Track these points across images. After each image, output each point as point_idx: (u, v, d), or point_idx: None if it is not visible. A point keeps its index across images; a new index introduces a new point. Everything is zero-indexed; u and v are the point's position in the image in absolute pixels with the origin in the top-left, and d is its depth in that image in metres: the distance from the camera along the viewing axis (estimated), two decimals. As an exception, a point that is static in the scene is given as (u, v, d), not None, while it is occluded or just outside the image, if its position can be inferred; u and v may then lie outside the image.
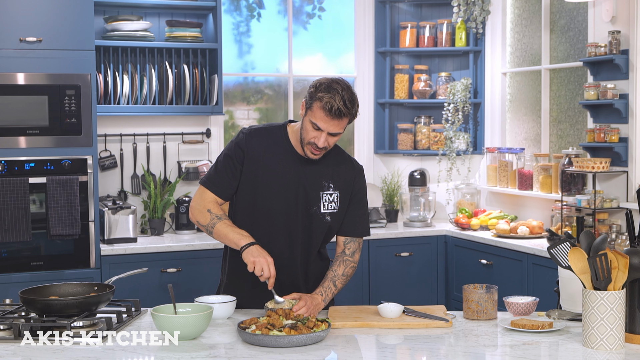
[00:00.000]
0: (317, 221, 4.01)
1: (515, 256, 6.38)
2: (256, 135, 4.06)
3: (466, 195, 7.73)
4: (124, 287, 5.81)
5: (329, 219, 4.02)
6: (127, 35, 6.72)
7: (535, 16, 7.23)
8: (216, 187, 4.03)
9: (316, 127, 3.84)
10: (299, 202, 3.98)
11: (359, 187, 4.12)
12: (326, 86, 3.84)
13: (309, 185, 4.00)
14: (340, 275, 4.01)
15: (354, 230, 4.09)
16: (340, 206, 4.04)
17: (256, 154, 4.01)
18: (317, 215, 4.01)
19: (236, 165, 4.01)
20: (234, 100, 7.72)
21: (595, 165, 6.00)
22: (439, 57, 8.00)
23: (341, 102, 3.78)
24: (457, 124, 7.56)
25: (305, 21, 7.98)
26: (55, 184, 6.02)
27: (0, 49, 5.94)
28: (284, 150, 4.03)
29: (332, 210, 4.02)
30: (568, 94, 6.90)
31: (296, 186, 3.99)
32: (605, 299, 3.17)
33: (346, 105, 3.80)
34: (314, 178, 4.01)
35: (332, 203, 4.02)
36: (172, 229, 7.02)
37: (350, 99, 3.82)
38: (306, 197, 3.99)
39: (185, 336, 3.35)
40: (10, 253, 6.03)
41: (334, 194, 4.03)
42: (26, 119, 6.02)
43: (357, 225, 4.09)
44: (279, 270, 3.88)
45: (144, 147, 7.08)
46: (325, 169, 4.04)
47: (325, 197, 4.01)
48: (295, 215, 3.99)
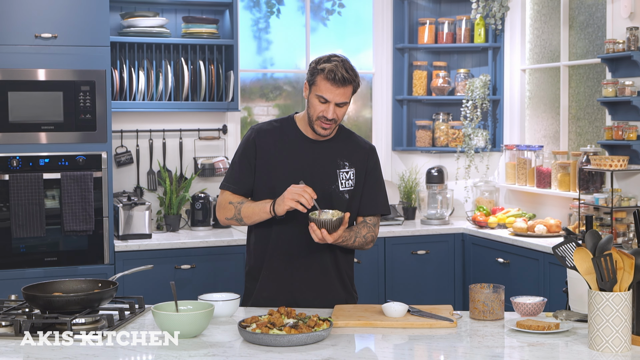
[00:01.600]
0: (337, 199, 4.09)
1: (532, 255, 6.33)
2: (265, 129, 4.18)
3: (484, 192, 7.68)
4: (136, 284, 5.84)
5: (347, 197, 4.11)
6: (144, 32, 6.72)
7: (554, 12, 7.17)
8: (233, 184, 4.13)
9: (323, 100, 3.96)
10: (317, 182, 4.05)
11: (373, 164, 4.21)
12: (326, 59, 3.98)
13: (325, 165, 4.11)
14: (362, 236, 4.13)
15: (374, 208, 4.20)
16: (356, 183, 4.14)
17: (267, 145, 4.11)
18: (337, 194, 4.10)
19: (250, 160, 4.11)
20: (253, 97, 7.70)
21: (613, 163, 5.94)
22: (458, 54, 7.95)
23: (343, 69, 3.92)
24: (476, 121, 7.51)
25: (324, 17, 7.96)
26: (69, 180, 6.02)
27: (15, 45, 5.95)
28: (295, 137, 4.15)
29: (349, 188, 4.12)
30: (587, 90, 6.84)
31: (312, 167, 4.09)
32: (610, 300, 3.13)
33: (348, 72, 3.94)
34: (329, 157, 4.12)
35: (349, 180, 4.12)
36: (188, 226, 7.01)
37: (351, 68, 3.98)
38: (324, 176, 4.09)
39: (185, 334, 3.33)
40: (25, 248, 6.03)
41: (349, 171, 4.13)
42: (41, 114, 6.03)
43: (376, 203, 4.19)
44: (306, 255, 4.08)
45: (160, 143, 7.08)
46: (339, 148, 4.15)
47: (342, 174, 4.12)
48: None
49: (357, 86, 4.01)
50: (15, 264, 6.03)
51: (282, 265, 4.12)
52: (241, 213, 4.08)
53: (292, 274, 4.12)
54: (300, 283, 4.12)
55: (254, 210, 4.05)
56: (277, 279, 4.13)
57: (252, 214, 4.06)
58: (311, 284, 4.13)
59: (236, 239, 6.48)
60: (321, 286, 4.14)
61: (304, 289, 4.12)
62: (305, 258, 4.11)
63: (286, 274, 4.12)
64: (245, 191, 4.13)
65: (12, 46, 5.95)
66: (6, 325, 3.50)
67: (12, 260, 6.03)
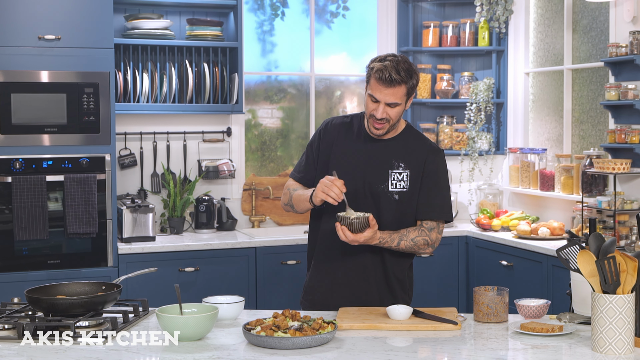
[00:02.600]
0: (385, 200, 4.07)
1: (535, 257, 6.33)
2: (334, 123, 4.27)
3: (488, 195, 7.68)
4: (140, 287, 5.84)
5: (397, 197, 4.06)
6: (148, 34, 6.72)
7: (557, 16, 7.17)
8: (297, 173, 4.30)
9: (373, 99, 3.96)
10: (366, 180, 4.08)
11: (433, 167, 4.12)
12: (380, 58, 3.99)
13: (377, 164, 4.09)
14: (410, 239, 4.04)
15: (430, 213, 4.10)
16: (410, 185, 4.08)
17: (331, 138, 4.20)
18: (385, 194, 4.07)
19: (314, 151, 4.25)
20: (257, 99, 7.71)
21: (616, 166, 5.93)
22: (462, 57, 7.95)
23: (393, 70, 3.89)
24: (480, 124, 7.51)
25: (329, 20, 7.96)
26: (73, 182, 6.02)
27: (18, 47, 5.95)
28: (358, 132, 4.18)
29: (400, 189, 4.07)
30: (590, 94, 6.84)
31: (365, 165, 4.09)
32: (614, 302, 3.13)
33: (399, 73, 3.90)
34: (383, 157, 4.10)
35: (402, 182, 4.07)
36: (192, 228, 7.01)
37: (404, 68, 3.92)
38: (374, 175, 4.08)
39: (189, 337, 3.33)
40: (28, 251, 6.03)
41: (403, 173, 4.08)
42: (44, 116, 6.03)
43: (433, 207, 4.10)
44: (345, 252, 4.10)
45: (164, 146, 7.08)
46: (397, 148, 4.12)
47: (394, 175, 4.07)
48: (363, 194, 4.07)
49: (411, 87, 3.97)
50: (18, 267, 6.03)
51: (325, 258, 4.18)
52: (292, 199, 4.19)
53: (332, 268, 4.15)
54: (339, 278, 4.14)
55: (300, 198, 4.14)
56: (320, 272, 4.18)
57: (299, 201, 4.15)
58: (348, 281, 4.13)
59: (240, 241, 6.48)
60: (357, 285, 4.13)
61: (341, 285, 4.14)
62: (344, 254, 4.11)
63: (328, 268, 4.16)
64: (306, 181, 4.24)
65: (16, 47, 5.95)
66: (9, 328, 3.49)
67: (15, 263, 6.03)
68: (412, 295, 4.27)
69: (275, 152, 7.77)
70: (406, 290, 4.23)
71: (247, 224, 7.34)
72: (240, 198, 7.33)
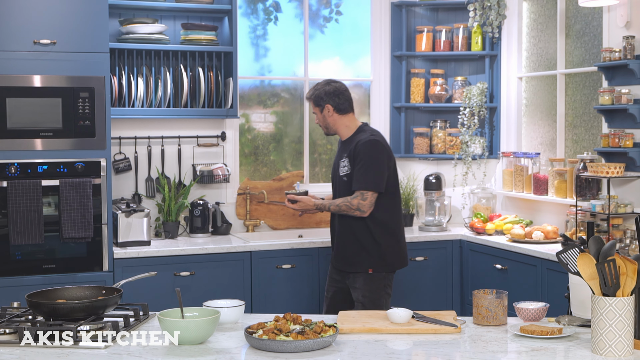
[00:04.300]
0: (340, 181, 5.78)
1: (529, 261, 6.35)
2: None
3: (482, 199, 7.70)
4: (136, 291, 5.82)
5: (345, 179, 5.72)
6: (143, 38, 6.72)
7: (550, 21, 7.19)
8: None
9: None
10: (336, 172, 5.85)
11: (357, 152, 5.62)
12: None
13: (338, 159, 5.83)
14: (336, 204, 5.71)
15: (354, 184, 5.63)
16: (350, 169, 5.67)
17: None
18: (340, 177, 5.77)
19: None
20: (250, 104, 7.71)
21: (609, 170, 5.96)
22: (455, 62, 7.97)
23: (309, 89, 5.97)
24: (473, 128, 7.53)
25: (322, 25, 7.97)
26: (68, 187, 6.02)
27: (14, 51, 5.95)
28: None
29: (345, 173, 5.72)
30: (583, 98, 6.86)
31: (337, 162, 5.85)
32: (613, 305, 3.15)
33: (309, 91, 5.90)
34: (341, 153, 5.82)
35: (345, 167, 5.72)
36: (187, 232, 7.02)
37: (314, 87, 5.89)
38: (337, 167, 5.83)
39: (191, 340, 3.34)
40: (23, 255, 6.03)
41: (345, 160, 5.72)
42: (40, 121, 6.03)
43: (356, 180, 5.61)
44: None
45: (159, 150, 7.08)
46: (346, 145, 5.78)
47: (342, 164, 5.75)
48: (334, 181, 5.92)
49: (316, 100, 5.84)
50: (13, 272, 6.01)
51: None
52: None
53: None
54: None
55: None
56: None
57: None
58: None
59: (235, 245, 6.49)
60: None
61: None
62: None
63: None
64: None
65: (11, 52, 5.94)
66: (10, 332, 3.50)
67: (10, 268, 6.01)
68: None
69: (268, 157, 7.78)
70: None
71: (242, 228, 7.34)
72: (235, 202, 7.34)
